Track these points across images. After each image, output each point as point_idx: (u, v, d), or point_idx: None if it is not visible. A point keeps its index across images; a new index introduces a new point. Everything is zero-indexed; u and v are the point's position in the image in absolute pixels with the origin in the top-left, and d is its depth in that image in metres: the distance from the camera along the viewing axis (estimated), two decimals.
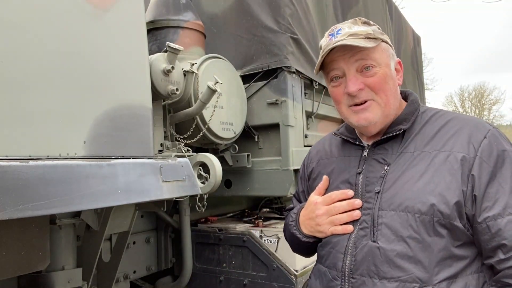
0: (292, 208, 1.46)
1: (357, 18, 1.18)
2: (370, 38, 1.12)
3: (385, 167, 1.14)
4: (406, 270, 1.02)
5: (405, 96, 1.26)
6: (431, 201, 1.02)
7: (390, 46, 1.20)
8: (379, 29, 1.18)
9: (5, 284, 1.70)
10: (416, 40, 6.45)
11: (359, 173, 1.19)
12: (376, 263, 1.06)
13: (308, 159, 1.45)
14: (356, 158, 1.23)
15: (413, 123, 1.18)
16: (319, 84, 3.14)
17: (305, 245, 1.31)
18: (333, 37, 1.14)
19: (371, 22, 1.19)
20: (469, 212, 1.02)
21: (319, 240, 1.25)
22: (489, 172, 1.02)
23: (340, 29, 1.15)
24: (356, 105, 1.15)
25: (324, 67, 1.20)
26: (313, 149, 1.46)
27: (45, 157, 1.30)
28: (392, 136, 1.17)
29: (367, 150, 1.21)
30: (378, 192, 1.11)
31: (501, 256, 0.99)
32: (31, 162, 1.22)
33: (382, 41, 1.16)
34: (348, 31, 1.13)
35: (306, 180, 1.43)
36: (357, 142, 1.25)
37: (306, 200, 1.38)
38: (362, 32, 1.12)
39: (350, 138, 1.28)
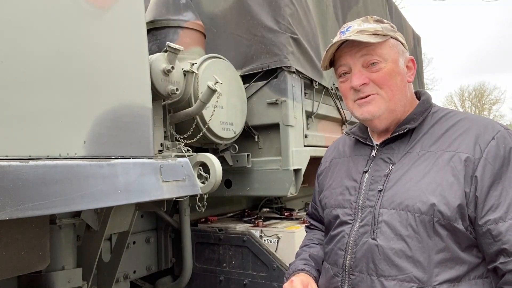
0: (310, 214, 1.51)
1: (369, 16, 1.20)
2: (377, 34, 1.13)
3: (390, 166, 1.14)
4: (404, 269, 1.02)
5: (419, 97, 1.26)
6: (432, 201, 1.01)
7: (401, 43, 1.19)
8: (392, 27, 1.19)
9: (5, 284, 1.70)
10: (416, 40, 6.44)
11: (365, 172, 1.19)
12: (374, 261, 1.06)
13: (324, 158, 1.47)
14: (365, 157, 1.24)
15: (422, 123, 1.17)
16: (319, 84, 3.13)
17: None
18: (343, 34, 1.16)
19: (385, 21, 1.19)
20: (471, 215, 1.00)
21: None
22: (493, 174, 1.00)
23: (350, 27, 1.17)
24: (361, 98, 1.17)
25: (334, 63, 1.23)
26: (329, 148, 1.48)
27: (45, 157, 1.29)
28: (400, 135, 1.17)
29: (376, 150, 1.22)
30: (380, 191, 1.12)
31: (502, 260, 0.97)
32: (31, 162, 1.21)
33: (392, 37, 1.16)
34: (357, 28, 1.15)
35: (318, 177, 1.44)
36: (367, 142, 1.26)
37: (319, 199, 1.40)
38: (371, 29, 1.14)
39: (361, 137, 1.29)
